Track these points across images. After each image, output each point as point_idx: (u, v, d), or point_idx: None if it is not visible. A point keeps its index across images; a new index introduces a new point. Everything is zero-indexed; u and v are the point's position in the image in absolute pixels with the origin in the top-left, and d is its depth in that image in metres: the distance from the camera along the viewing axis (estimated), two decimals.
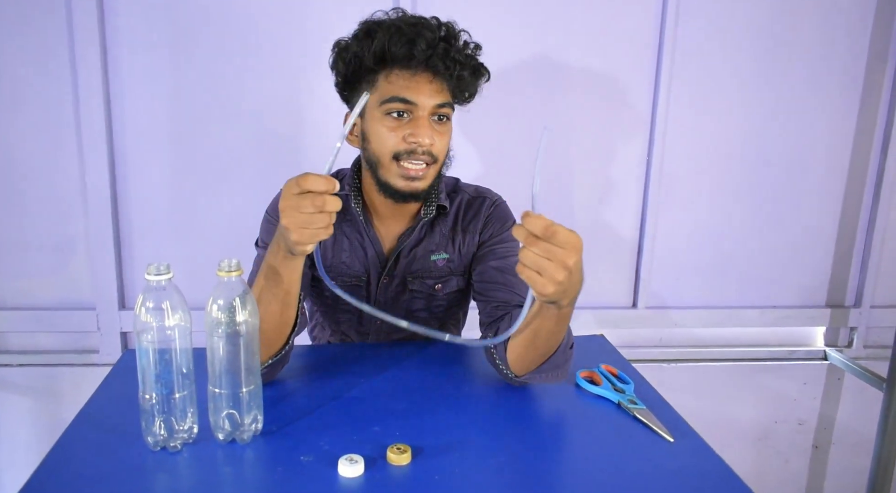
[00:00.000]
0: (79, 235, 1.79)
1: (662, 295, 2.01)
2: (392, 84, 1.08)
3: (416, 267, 1.23)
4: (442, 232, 1.24)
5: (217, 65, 1.72)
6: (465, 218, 1.25)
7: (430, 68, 1.07)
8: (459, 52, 1.08)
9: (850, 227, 2.03)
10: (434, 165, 1.11)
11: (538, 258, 0.80)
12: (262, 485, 0.82)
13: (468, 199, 1.26)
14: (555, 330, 0.96)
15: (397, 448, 0.87)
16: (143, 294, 0.83)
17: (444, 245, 1.24)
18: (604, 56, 1.83)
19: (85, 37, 1.65)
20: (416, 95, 1.07)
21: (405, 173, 1.09)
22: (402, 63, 1.07)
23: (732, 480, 0.86)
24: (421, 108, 1.07)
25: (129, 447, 0.88)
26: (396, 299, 1.26)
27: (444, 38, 1.07)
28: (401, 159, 1.09)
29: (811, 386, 2.11)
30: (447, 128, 1.13)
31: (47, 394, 1.85)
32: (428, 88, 1.07)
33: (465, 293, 1.31)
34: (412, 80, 1.07)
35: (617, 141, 1.89)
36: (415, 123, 1.08)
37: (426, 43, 1.04)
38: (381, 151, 1.10)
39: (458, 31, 1.10)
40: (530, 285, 0.83)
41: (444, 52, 1.06)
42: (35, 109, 1.70)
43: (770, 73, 1.89)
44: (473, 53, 1.12)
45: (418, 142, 1.07)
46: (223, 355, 0.86)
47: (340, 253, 1.23)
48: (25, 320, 1.81)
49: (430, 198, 1.21)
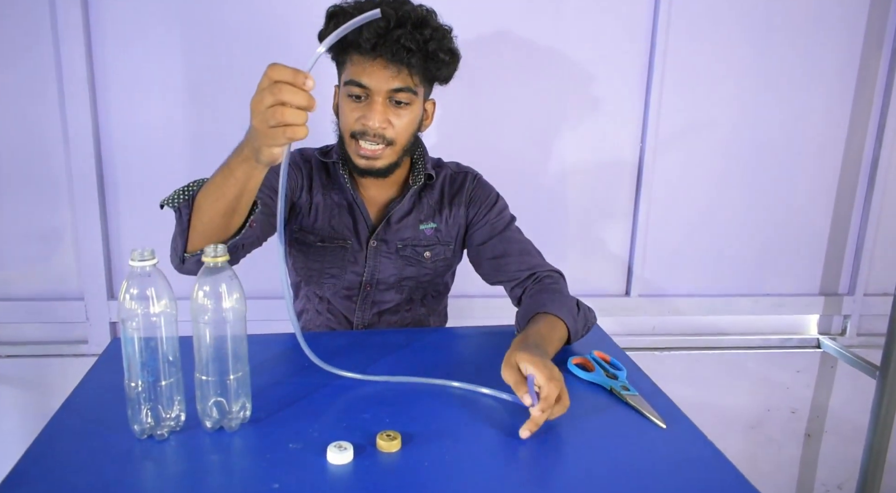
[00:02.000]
0: (65, 224, 1.77)
1: (655, 283, 2.01)
2: (353, 66, 1.14)
3: (406, 235, 1.31)
4: (429, 203, 1.33)
5: (205, 48, 1.70)
6: (451, 191, 1.34)
7: (382, 55, 1.11)
8: (413, 40, 1.09)
9: (844, 214, 2.03)
10: (391, 146, 1.18)
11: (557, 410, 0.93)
12: (250, 473, 0.81)
13: (451, 174, 1.35)
14: (558, 346, 1.12)
15: (387, 435, 0.86)
16: (127, 280, 0.81)
17: (431, 215, 1.32)
18: (597, 42, 1.81)
19: (68, 21, 1.62)
20: (370, 80, 1.13)
21: (361, 152, 1.17)
22: (357, 49, 1.12)
23: (725, 466, 0.85)
24: (375, 92, 1.13)
25: (115, 435, 0.86)
26: (387, 264, 1.31)
27: (400, 23, 1.09)
28: (357, 139, 1.17)
29: (804, 374, 2.11)
30: (407, 111, 1.17)
31: (36, 385, 1.83)
32: (383, 73, 1.12)
33: (449, 263, 1.37)
34: (368, 65, 1.12)
35: (609, 127, 1.88)
36: (368, 106, 1.14)
37: (374, 31, 1.08)
38: (344, 129, 1.20)
39: (421, 16, 1.12)
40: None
41: (397, 38, 1.09)
42: (19, 97, 1.68)
43: (764, 60, 1.87)
44: (438, 37, 1.13)
45: (368, 125, 1.14)
46: (209, 341, 0.85)
47: (331, 218, 1.29)
48: (13, 310, 1.79)
49: (416, 167, 1.29)
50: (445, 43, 1.15)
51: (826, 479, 2.19)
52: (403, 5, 1.11)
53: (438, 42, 1.13)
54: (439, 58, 1.14)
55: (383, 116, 1.14)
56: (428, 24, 1.12)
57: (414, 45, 1.10)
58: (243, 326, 0.87)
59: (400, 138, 1.18)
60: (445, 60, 1.16)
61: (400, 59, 1.10)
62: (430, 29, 1.12)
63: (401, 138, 1.18)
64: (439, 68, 1.17)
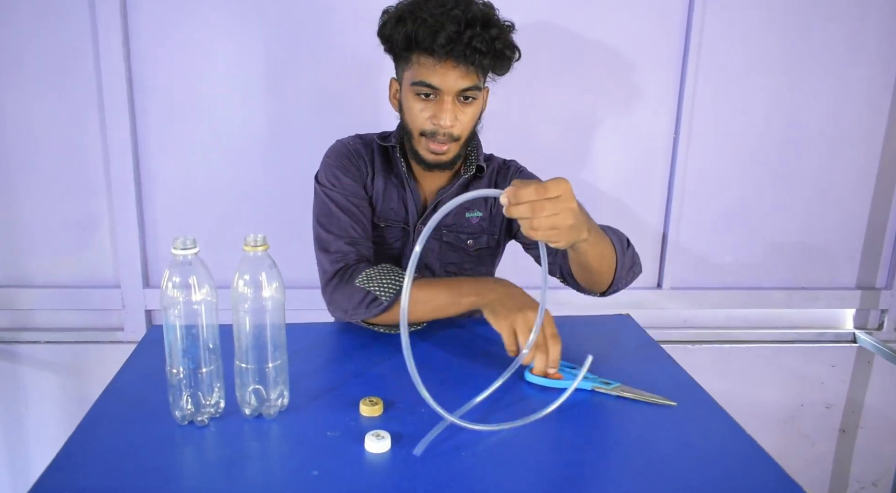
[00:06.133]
0: (102, 213, 1.80)
1: (688, 275, 1.98)
2: (421, 67, 1.15)
3: (451, 222, 1.33)
4: None
5: (240, 38, 1.71)
6: (497, 183, 1.36)
7: (452, 57, 1.11)
8: (483, 41, 1.10)
9: (882, 207, 1.99)
10: (456, 142, 1.21)
11: (547, 219, 0.83)
12: (289, 460, 0.82)
13: (499, 165, 1.38)
14: (598, 253, 1.05)
15: (370, 401, 0.91)
16: (169, 269, 0.82)
17: (478, 204, 1.34)
18: (631, 32, 1.79)
19: (107, 12, 1.64)
20: (440, 81, 1.14)
21: (431, 148, 1.21)
22: (428, 51, 1.12)
23: (764, 459, 0.84)
24: (445, 92, 1.15)
25: (156, 420, 0.88)
26: (431, 249, 1.34)
27: (469, 24, 1.10)
28: (426, 136, 1.20)
29: (839, 369, 2.07)
30: (473, 106, 1.20)
31: (73, 371, 1.87)
32: (453, 73, 1.14)
33: (493, 252, 1.39)
34: (438, 66, 1.13)
35: (643, 118, 1.86)
36: (439, 106, 1.17)
37: (447, 36, 1.09)
38: (412, 126, 1.22)
39: (487, 15, 1.13)
40: (552, 245, 0.88)
41: (468, 41, 1.10)
42: (57, 87, 1.70)
43: (800, 50, 1.84)
44: (503, 36, 1.14)
45: (440, 125, 1.17)
46: (249, 329, 0.86)
47: (389, 201, 1.32)
48: (52, 297, 1.83)
49: (469, 159, 1.32)
50: (510, 40, 1.17)
51: (861, 475, 2.16)
52: (470, 6, 1.12)
53: (504, 41, 1.14)
54: (506, 56, 1.16)
55: (453, 115, 1.17)
56: (494, 23, 1.13)
57: (484, 47, 1.11)
58: (282, 314, 0.88)
59: (465, 133, 1.21)
60: (511, 58, 1.18)
61: (472, 61, 1.12)
62: (496, 28, 1.13)
63: (466, 132, 1.22)
64: (505, 65, 1.19)
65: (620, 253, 1.13)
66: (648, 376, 1.06)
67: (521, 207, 0.82)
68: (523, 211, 0.82)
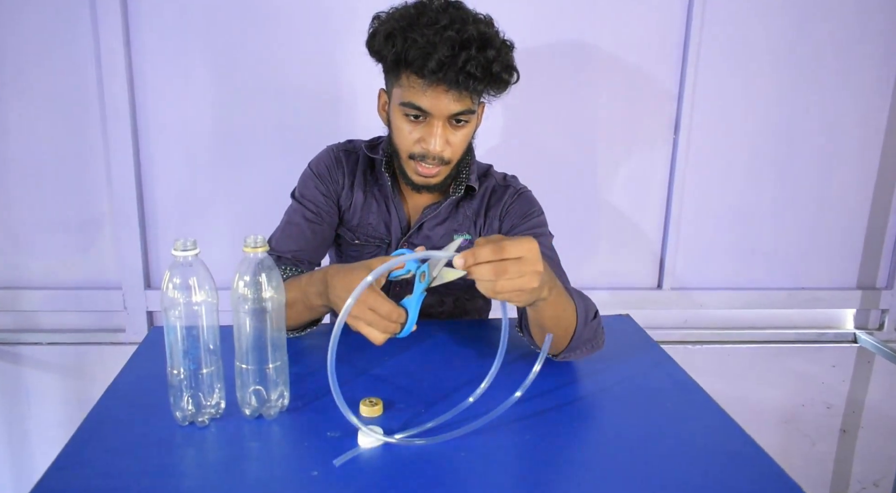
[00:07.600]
0: (104, 215, 1.80)
1: (688, 276, 1.99)
2: (411, 88, 1.07)
3: (439, 244, 1.26)
4: (466, 213, 1.28)
5: (241, 42, 1.71)
6: (489, 203, 1.28)
7: (445, 82, 1.03)
8: (478, 64, 1.01)
9: (882, 207, 1.99)
10: (447, 165, 1.15)
11: (510, 281, 0.79)
12: (289, 460, 0.82)
13: (495, 185, 1.29)
14: (556, 314, 0.97)
15: (370, 401, 0.91)
16: (170, 270, 0.82)
17: (467, 226, 1.27)
18: (630, 35, 1.79)
19: (107, 17, 1.65)
20: (431, 105, 1.07)
21: (418, 171, 1.15)
22: (418, 73, 1.04)
23: (764, 460, 0.84)
24: (436, 116, 1.08)
25: (157, 421, 0.88)
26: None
27: (463, 46, 1.01)
28: (414, 159, 1.14)
29: (840, 369, 2.08)
30: (465, 128, 1.13)
31: (75, 372, 1.88)
32: (445, 98, 1.05)
33: None
34: (428, 89, 1.05)
35: (642, 120, 1.86)
36: (429, 130, 1.10)
37: (438, 60, 1.00)
38: (400, 147, 1.15)
39: (485, 35, 1.03)
40: (514, 305, 0.86)
41: (462, 65, 1.01)
42: (58, 89, 1.71)
43: (801, 50, 1.84)
44: (501, 57, 1.05)
45: (428, 150, 1.11)
46: (249, 330, 0.86)
47: (368, 214, 1.27)
48: (54, 299, 1.83)
49: (458, 178, 1.24)
50: (508, 62, 1.07)
51: (862, 476, 2.16)
52: (465, 25, 1.02)
53: (502, 63, 1.05)
54: (503, 79, 1.07)
55: (443, 139, 1.10)
56: (492, 45, 1.03)
57: (479, 72, 1.02)
58: (282, 315, 0.88)
59: (456, 156, 1.15)
60: (508, 81, 1.09)
61: (465, 86, 1.03)
62: (493, 50, 1.03)
63: (457, 155, 1.15)
64: (501, 88, 1.09)
65: (582, 322, 1.02)
66: (648, 377, 1.06)
67: (482, 268, 0.78)
68: (484, 273, 0.78)
